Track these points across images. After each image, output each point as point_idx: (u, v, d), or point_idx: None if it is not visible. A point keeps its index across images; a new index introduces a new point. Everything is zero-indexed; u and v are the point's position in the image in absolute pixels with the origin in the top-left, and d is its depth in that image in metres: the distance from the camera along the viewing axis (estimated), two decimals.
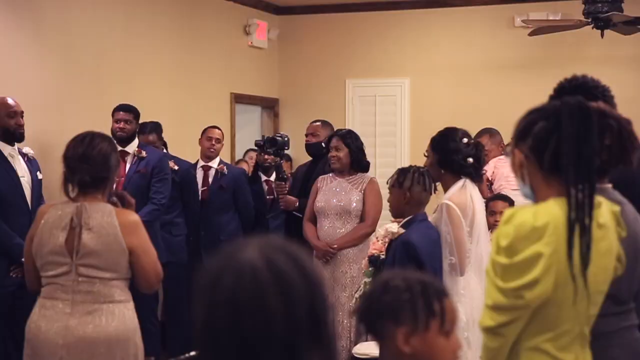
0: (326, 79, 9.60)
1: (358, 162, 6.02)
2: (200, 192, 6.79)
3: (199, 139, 6.97)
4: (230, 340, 1.38)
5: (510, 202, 5.60)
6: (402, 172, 4.27)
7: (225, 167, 6.89)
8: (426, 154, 4.45)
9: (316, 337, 1.42)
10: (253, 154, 8.58)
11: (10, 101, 5.28)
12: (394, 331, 1.95)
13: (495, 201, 5.77)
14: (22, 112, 5.30)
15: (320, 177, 6.12)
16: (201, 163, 6.89)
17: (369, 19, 9.49)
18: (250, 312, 1.38)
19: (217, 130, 6.99)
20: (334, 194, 5.91)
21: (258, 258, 1.42)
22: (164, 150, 6.80)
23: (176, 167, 6.59)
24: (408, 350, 1.93)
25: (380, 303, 1.98)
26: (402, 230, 4.16)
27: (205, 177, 6.84)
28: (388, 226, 4.29)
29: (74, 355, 3.49)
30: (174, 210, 6.61)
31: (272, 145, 6.75)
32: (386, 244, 4.33)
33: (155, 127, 6.72)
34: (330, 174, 6.06)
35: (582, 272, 2.26)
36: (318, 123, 6.83)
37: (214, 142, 6.88)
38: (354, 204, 5.84)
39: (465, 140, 4.38)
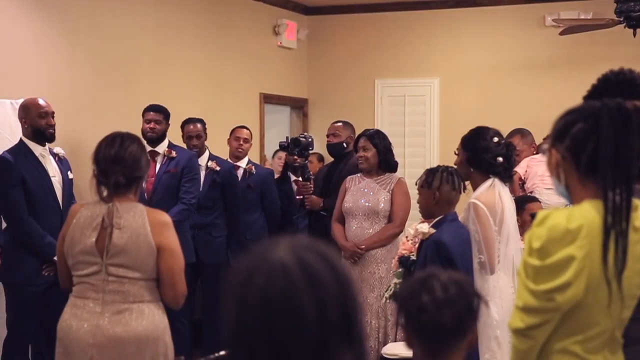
0: (355, 79, 9.60)
1: (386, 162, 6.00)
2: None
3: (228, 139, 6.99)
4: (262, 339, 1.38)
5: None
6: (430, 172, 4.26)
7: (253, 167, 6.90)
8: (457, 152, 4.44)
9: (347, 337, 1.42)
10: (282, 154, 8.60)
11: (41, 102, 5.32)
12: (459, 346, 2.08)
13: (532, 203, 5.68)
14: (53, 112, 5.35)
15: (349, 177, 6.12)
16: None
17: (398, 18, 9.47)
18: (282, 311, 1.38)
19: (245, 130, 7.00)
20: (362, 194, 5.91)
21: (289, 257, 1.42)
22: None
23: (218, 168, 6.58)
24: None
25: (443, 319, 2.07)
26: (432, 231, 4.15)
27: None
28: (419, 226, 4.27)
29: (104, 354, 3.51)
30: (215, 211, 6.57)
31: (296, 146, 6.76)
32: (416, 244, 4.32)
33: (202, 120, 6.74)
34: (358, 174, 6.06)
35: (616, 276, 2.23)
36: (339, 123, 6.83)
37: (241, 142, 6.89)
38: (382, 205, 5.83)
39: (495, 139, 4.37)
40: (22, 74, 6.12)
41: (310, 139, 6.81)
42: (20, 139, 5.31)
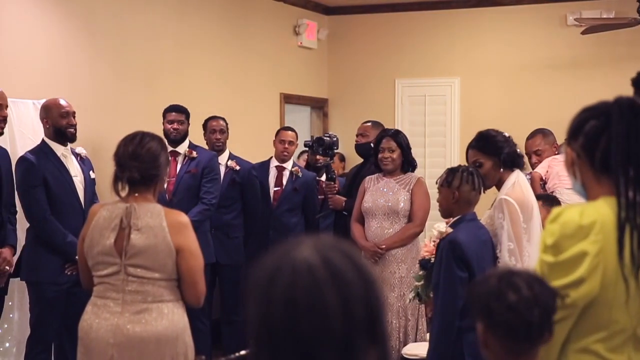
0: (375, 79, 9.59)
1: (409, 162, 5.99)
2: (272, 192, 6.73)
3: (273, 140, 6.92)
4: (287, 338, 1.38)
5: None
6: (450, 172, 4.26)
7: (300, 170, 6.84)
8: (476, 163, 4.41)
9: (372, 335, 1.42)
10: (307, 155, 8.62)
11: (62, 102, 5.36)
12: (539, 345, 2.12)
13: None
14: (74, 112, 5.38)
15: (367, 177, 6.11)
16: (275, 163, 6.80)
17: (418, 18, 9.46)
18: (307, 310, 1.38)
19: (290, 132, 6.88)
20: (381, 194, 5.89)
21: (314, 256, 1.42)
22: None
23: (237, 167, 6.59)
24: None
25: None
26: (449, 230, 4.14)
27: (279, 177, 6.76)
28: (436, 225, 4.27)
29: (124, 354, 3.52)
30: (233, 211, 6.59)
31: (321, 145, 6.74)
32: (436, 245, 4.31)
33: (224, 118, 6.75)
34: (377, 174, 6.04)
35: (633, 272, 2.23)
36: (368, 124, 6.80)
37: (287, 145, 6.78)
38: (402, 204, 5.82)
39: (505, 134, 4.41)
40: (44, 74, 6.16)
41: (334, 138, 6.79)
42: (42, 139, 5.34)
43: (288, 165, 6.81)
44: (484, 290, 2.16)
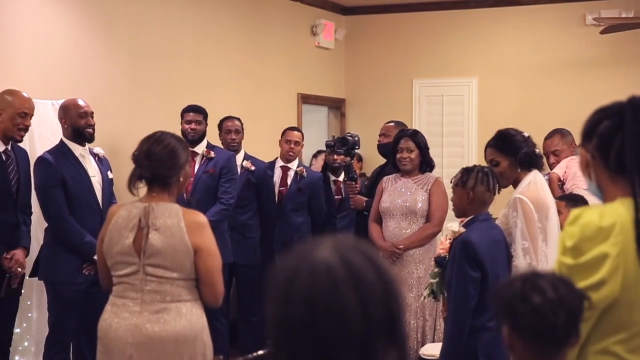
0: (393, 79, 9.58)
1: (427, 162, 5.98)
2: (277, 191, 6.77)
3: (279, 140, 6.96)
4: (306, 338, 1.38)
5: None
6: (466, 172, 4.25)
7: (305, 170, 6.86)
8: (492, 162, 4.41)
9: (391, 336, 1.42)
10: (324, 155, 8.62)
11: (80, 102, 5.38)
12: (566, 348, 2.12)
13: (558, 202, 5.62)
14: (93, 112, 5.40)
15: (385, 177, 6.10)
16: (280, 163, 6.85)
17: (436, 18, 9.44)
18: (326, 310, 1.38)
19: (296, 132, 6.95)
20: (399, 194, 5.88)
21: (333, 256, 1.41)
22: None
23: (253, 168, 6.60)
24: None
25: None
26: (462, 230, 4.14)
27: (284, 177, 6.80)
28: (449, 225, 4.28)
29: (143, 353, 3.53)
30: (248, 211, 6.60)
31: (343, 145, 6.74)
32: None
33: (240, 119, 6.77)
34: (395, 175, 6.03)
35: None
36: (391, 123, 6.81)
37: (292, 145, 6.83)
38: (420, 204, 5.81)
39: (524, 134, 4.40)
40: (63, 75, 6.19)
41: (356, 138, 6.78)
42: (61, 139, 5.37)
43: (293, 165, 6.85)
44: (509, 292, 2.14)
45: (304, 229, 6.79)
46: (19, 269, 5.08)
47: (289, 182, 6.77)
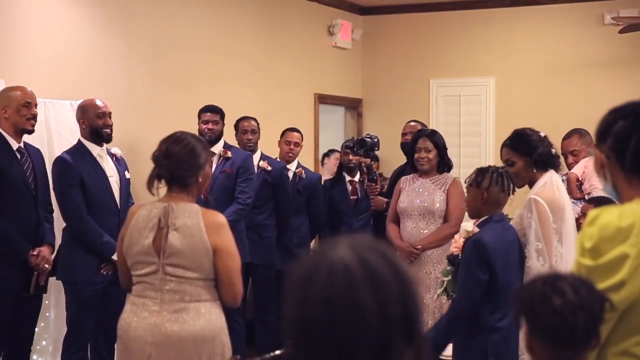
0: (410, 79, 9.56)
1: (445, 162, 5.97)
2: None
3: (278, 141, 6.98)
4: (324, 338, 1.38)
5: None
6: (480, 172, 4.24)
7: (303, 171, 6.88)
8: (509, 162, 4.40)
9: (408, 336, 1.42)
10: (338, 155, 8.61)
11: (98, 102, 5.40)
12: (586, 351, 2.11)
13: (587, 205, 5.60)
14: (110, 112, 5.42)
15: (403, 177, 6.09)
16: None
17: (453, 18, 9.41)
18: (343, 310, 1.38)
19: (296, 133, 6.97)
20: (417, 194, 5.87)
21: (351, 256, 1.42)
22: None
23: (269, 168, 6.61)
24: None
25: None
26: (476, 229, 4.14)
27: None
28: (464, 224, 4.27)
29: (162, 353, 3.55)
30: (265, 211, 6.59)
31: (362, 147, 6.74)
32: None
33: (256, 119, 6.79)
34: (413, 175, 6.01)
35: None
36: (413, 123, 6.81)
37: (292, 147, 6.87)
38: (438, 205, 5.79)
39: (541, 134, 4.40)
40: (82, 75, 6.22)
41: (376, 139, 6.77)
42: (79, 139, 5.39)
43: (292, 166, 6.86)
44: (529, 293, 2.13)
45: (302, 230, 6.80)
46: (46, 266, 5.11)
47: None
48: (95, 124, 5.32)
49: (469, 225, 4.23)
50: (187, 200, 3.63)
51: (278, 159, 6.90)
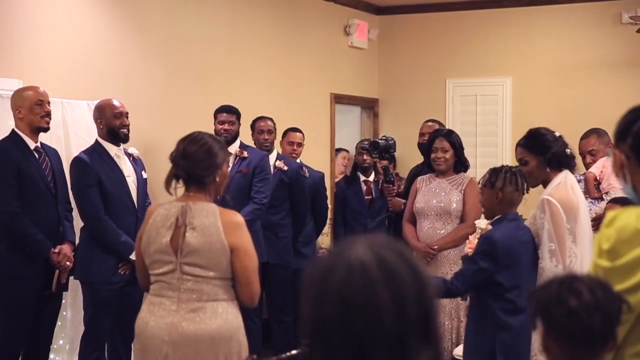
0: (426, 79, 9.54)
1: (462, 162, 5.95)
2: None
3: (280, 141, 6.97)
4: (341, 336, 1.39)
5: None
6: (493, 172, 4.25)
7: (307, 171, 6.88)
8: (521, 161, 4.39)
9: (425, 335, 1.42)
10: (346, 154, 8.63)
11: (115, 102, 5.43)
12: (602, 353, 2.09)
13: (612, 204, 5.56)
14: (127, 112, 5.45)
15: (419, 177, 6.08)
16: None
17: (469, 17, 9.39)
18: (360, 309, 1.38)
19: (298, 133, 6.98)
20: (433, 194, 5.86)
21: (368, 255, 1.42)
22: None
23: (285, 168, 6.62)
24: None
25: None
26: (489, 227, 4.15)
27: None
28: (477, 221, 4.28)
29: (179, 352, 3.56)
30: (281, 211, 6.60)
31: (375, 149, 6.73)
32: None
33: (272, 119, 6.80)
34: (429, 175, 6.00)
35: None
36: (430, 123, 6.79)
37: (295, 147, 6.87)
38: (454, 205, 5.78)
39: (556, 134, 4.40)
40: (98, 76, 6.24)
41: (391, 141, 6.75)
42: (96, 139, 5.42)
43: None
44: (545, 294, 2.12)
45: (307, 229, 6.83)
46: (67, 263, 5.14)
47: None
48: (112, 124, 5.34)
49: (482, 222, 4.24)
50: (204, 200, 3.64)
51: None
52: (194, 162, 3.61)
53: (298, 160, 6.93)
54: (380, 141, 6.78)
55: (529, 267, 4.17)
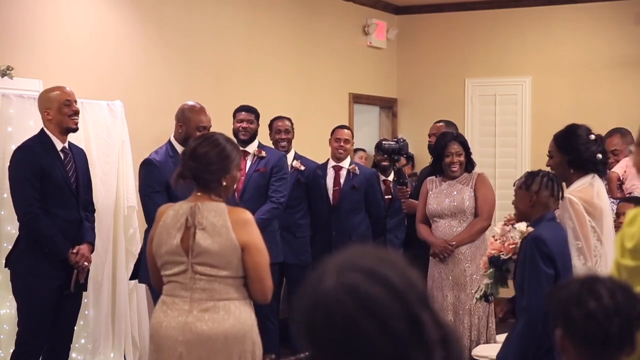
0: (445, 79, 9.52)
1: (471, 164, 5.98)
2: (331, 192, 6.71)
3: (329, 139, 6.95)
4: None
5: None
6: (530, 175, 4.19)
7: (357, 167, 6.82)
8: (550, 154, 4.38)
9: (423, 343, 1.39)
10: (363, 154, 8.61)
11: (204, 118, 5.41)
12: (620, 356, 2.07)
13: (624, 203, 5.56)
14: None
15: (429, 178, 6.08)
16: (332, 163, 6.80)
17: (488, 17, 9.36)
18: (352, 342, 1.37)
19: (345, 130, 6.93)
20: (445, 195, 5.88)
21: (338, 288, 1.39)
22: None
23: (302, 168, 6.61)
24: None
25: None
26: (531, 229, 4.09)
27: (337, 177, 6.74)
28: (517, 225, 4.22)
29: (193, 351, 3.57)
30: (299, 211, 6.60)
31: (380, 151, 6.72)
32: (505, 243, 4.25)
33: (290, 119, 6.80)
34: (438, 176, 6.00)
35: None
36: (440, 123, 6.76)
37: (342, 143, 6.80)
38: (467, 202, 5.81)
39: (592, 136, 4.32)
40: (118, 75, 6.27)
41: (402, 143, 6.71)
42: (169, 139, 5.41)
43: (345, 164, 6.78)
44: (565, 295, 2.10)
45: (362, 227, 6.70)
46: (85, 264, 5.17)
47: (342, 181, 6.72)
48: (192, 135, 5.14)
49: (522, 225, 4.18)
50: (213, 200, 3.63)
51: (330, 158, 6.83)
52: (201, 165, 3.61)
53: (348, 158, 6.83)
54: (384, 143, 6.74)
55: (570, 265, 4.11)
